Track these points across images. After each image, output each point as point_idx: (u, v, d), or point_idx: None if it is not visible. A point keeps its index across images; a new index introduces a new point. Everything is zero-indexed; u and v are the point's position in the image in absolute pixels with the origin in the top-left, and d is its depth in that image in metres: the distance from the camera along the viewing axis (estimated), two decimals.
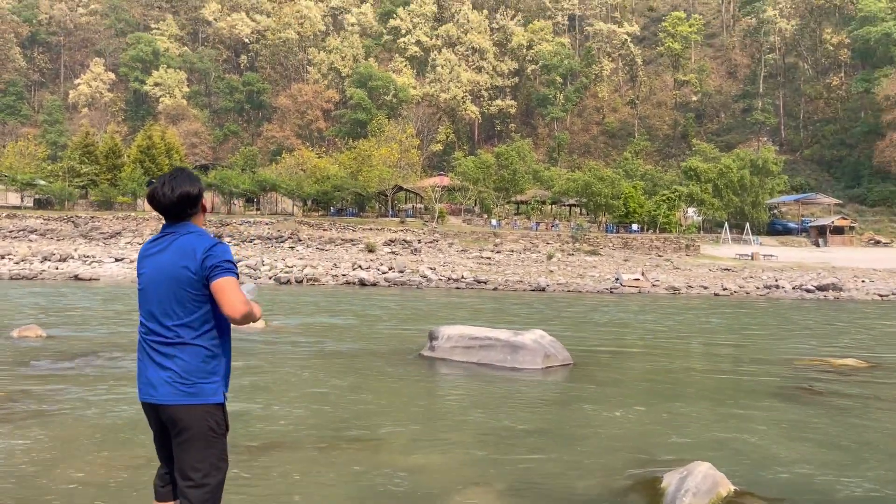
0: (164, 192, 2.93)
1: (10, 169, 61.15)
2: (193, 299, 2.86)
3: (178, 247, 2.90)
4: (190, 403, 2.83)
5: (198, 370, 2.86)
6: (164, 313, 2.92)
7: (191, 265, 2.84)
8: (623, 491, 5.30)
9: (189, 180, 3.00)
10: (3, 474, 5.30)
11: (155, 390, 2.89)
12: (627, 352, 13.70)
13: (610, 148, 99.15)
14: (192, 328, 2.87)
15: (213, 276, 2.81)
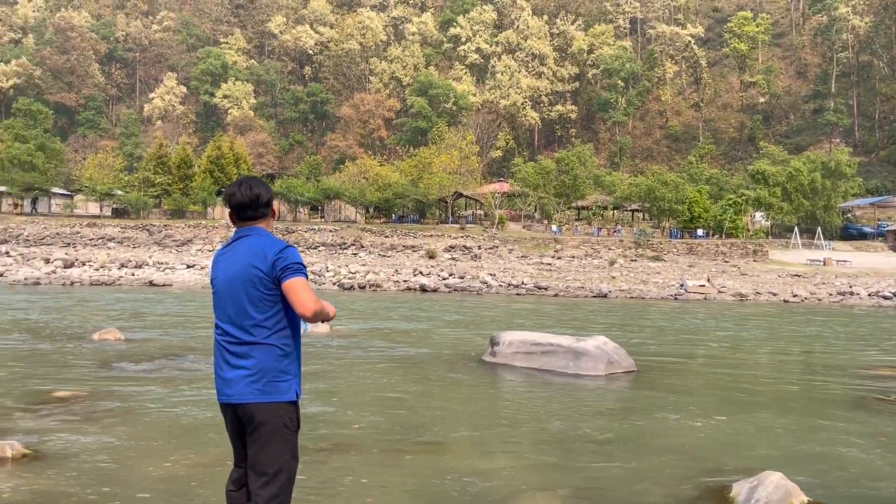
0: (241, 191, 3.13)
1: (91, 180, 64.02)
2: (265, 299, 3.00)
3: (249, 248, 3.06)
4: (265, 402, 2.96)
5: (272, 368, 2.99)
6: (238, 314, 3.05)
7: (262, 266, 2.99)
8: (690, 499, 5.24)
9: (262, 184, 3.23)
10: (87, 470, 5.60)
11: (231, 390, 3.02)
12: (693, 359, 13.46)
13: (673, 152, 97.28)
14: (264, 328, 3.01)
15: (284, 277, 2.97)
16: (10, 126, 70.23)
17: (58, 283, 37.63)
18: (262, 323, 3.01)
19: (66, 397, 8.31)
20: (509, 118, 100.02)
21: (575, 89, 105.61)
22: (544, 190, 59.17)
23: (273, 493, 2.91)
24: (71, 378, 9.66)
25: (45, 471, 5.53)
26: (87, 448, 6.21)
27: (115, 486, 5.25)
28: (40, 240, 51.56)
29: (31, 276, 39.01)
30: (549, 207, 59.38)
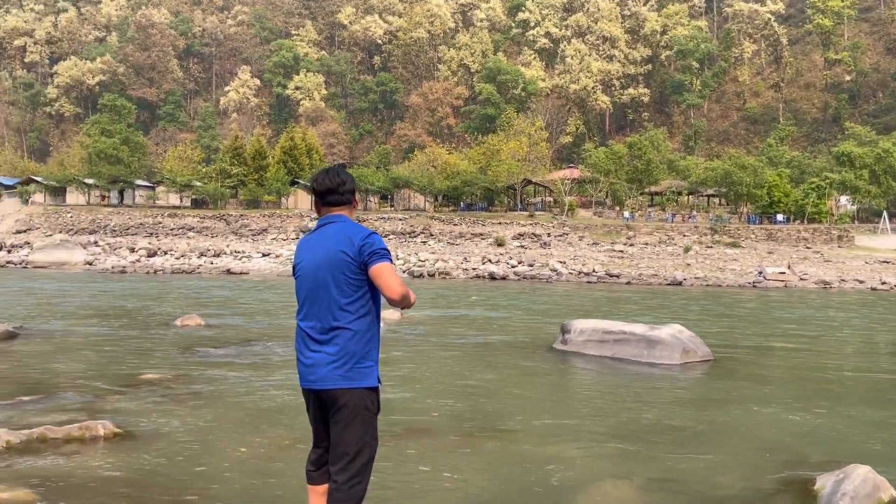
0: (328, 177, 3.21)
1: (171, 172, 66.48)
2: (351, 284, 3.05)
3: (334, 234, 3.13)
4: (348, 387, 3.02)
5: (356, 354, 3.04)
6: (323, 299, 3.10)
7: (348, 251, 3.04)
8: (771, 492, 5.10)
9: (346, 173, 3.34)
10: (174, 450, 5.86)
11: (315, 375, 3.08)
12: (773, 348, 13.02)
13: (751, 134, 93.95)
14: (349, 312, 3.06)
15: (372, 262, 3.02)
16: (96, 121, 73.54)
17: (142, 271, 39.30)
18: (346, 307, 3.05)
19: (153, 380, 8.69)
20: (579, 103, 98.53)
21: (647, 72, 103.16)
22: (616, 176, 58.07)
23: (353, 473, 2.97)
24: (157, 362, 10.09)
25: (135, 450, 5.81)
26: (173, 428, 6.49)
27: (200, 465, 5.47)
28: (125, 230, 53.92)
29: (117, 265, 40.89)
30: (620, 193, 58.30)
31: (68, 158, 78.90)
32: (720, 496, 5.02)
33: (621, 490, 5.10)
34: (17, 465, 5.31)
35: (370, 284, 3.07)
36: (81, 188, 63.95)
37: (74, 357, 10.61)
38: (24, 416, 6.72)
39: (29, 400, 7.49)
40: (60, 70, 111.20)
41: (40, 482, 4.94)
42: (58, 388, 8.18)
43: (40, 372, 9.24)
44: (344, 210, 3.24)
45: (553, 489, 5.09)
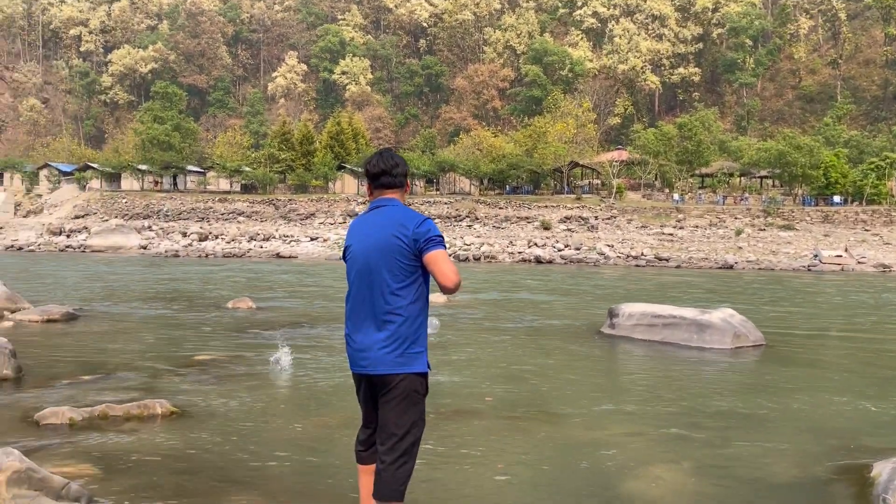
0: (381, 159, 3.22)
1: (221, 157, 67.70)
2: (404, 269, 3.05)
3: (388, 218, 3.13)
4: (399, 372, 3.04)
5: (407, 339, 3.05)
6: (376, 283, 3.10)
7: (403, 236, 3.04)
8: (825, 478, 4.99)
9: (399, 157, 3.36)
10: (228, 429, 6.01)
11: (366, 360, 3.09)
12: (828, 333, 12.70)
13: (807, 113, 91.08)
14: (401, 297, 3.06)
15: (427, 249, 3.02)
16: (149, 108, 75.20)
17: (194, 255, 40.26)
18: (398, 292, 3.05)
19: (207, 361, 8.92)
20: (628, 83, 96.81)
21: (698, 50, 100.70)
22: (665, 157, 56.97)
23: (400, 453, 3.01)
24: (210, 343, 10.35)
25: (191, 428, 5.98)
26: (226, 408, 6.66)
27: (253, 443, 5.61)
28: (178, 215, 55.19)
29: (170, 249, 41.96)
30: (670, 175, 57.24)
31: (123, 145, 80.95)
32: (773, 482, 4.94)
33: (672, 474, 5.06)
34: (80, 441, 5.52)
35: (423, 270, 3.08)
36: (135, 174, 65.61)
37: (132, 338, 10.95)
38: (86, 395, 6.97)
39: (90, 379, 7.77)
40: (114, 58, 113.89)
41: (102, 458, 5.13)
42: (117, 367, 8.46)
43: (100, 352, 9.56)
44: (396, 193, 3.24)
45: (603, 473, 5.07)
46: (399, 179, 3.25)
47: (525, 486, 4.85)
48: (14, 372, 7.79)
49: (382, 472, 3.00)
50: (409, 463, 3.01)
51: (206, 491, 4.56)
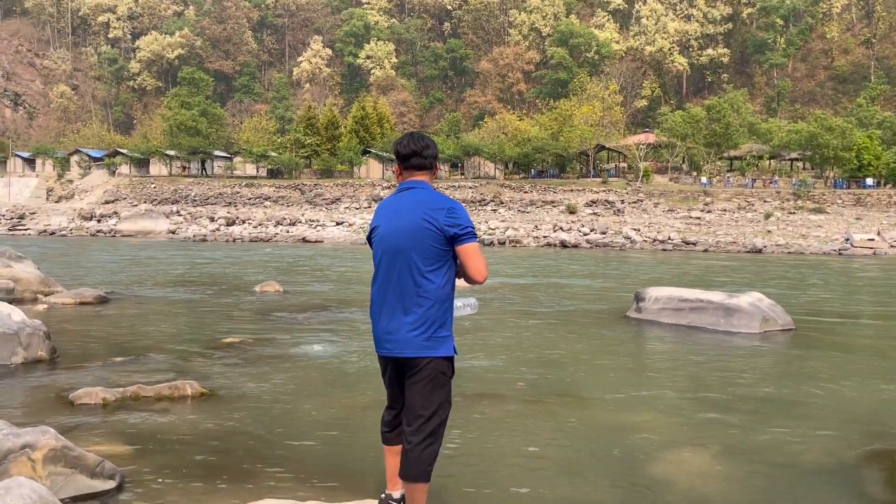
0: (412, 140, 3.21)
1: (247, 143, 68.15)
2: (434, 253, 3.04)
3: (419, 201, 3.12)
4: (426, 356, 3.05)
5: (434, 322, 3.06)
6: (405, 266, 3.09)
7: (434, 221, 3.03)
8: (855, 464, 4.94)
9: (430, 138, 3.34)
10: (256, 410, 6.10)
11: (392, 343, 3.10)
12: (859, 318, 12.51)
13: (840, 94, 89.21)
14: (430, 281, 3.06)
15: (462, 241, 3.03)
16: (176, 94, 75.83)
17: (221, 239, 40.68)
18: (429, 275, 3.05)
19: (235, 343, 9.04)
20: (655, 65, 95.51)
21: (728, 31, 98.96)
22: (693, 140, 56.21)
23: (427, 434, 3.02)
24: (238, 326, 10.48)
25: (220, 409, 6.08)
26: (254, 389, 6.75)
27: (281, 424, 5.69)
28: (205, 200, 55.76)
29: (198, 234, 42.44)
30: (698, 158, 56.51)
31: (151, 131, 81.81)
32: (802, 467, 4.90)
33: (699, 458, 5.04)
34: (113, 421, 5.64)
35: (453, 255, 3.08)
36: (164, 160, 66.32)
37: (162, 321, 11.12)
38: (118, 376, 7.11)
39: (122, 361, 7.92)
40: (142, 45, 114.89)
41: (135, 437, 5.24)
42: (148, 349, 8.61)
43: (131, 334, 9.73)
44: (425, 175, 3.22)
45: (629, 456, 5.07)
46: (429, 161, 3.23)
47: (553, 469, 4.87)
48: (49, 353, 7.96)
49: (409, 452, 3.02)
50: (435, 444, 3.03)
51: (236, 470, 4.64)
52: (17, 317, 8.14)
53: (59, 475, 4.21)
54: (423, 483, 2.95)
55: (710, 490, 4.50)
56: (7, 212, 53.67)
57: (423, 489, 2.94)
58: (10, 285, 12.25)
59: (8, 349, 7.67)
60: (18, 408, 6.02)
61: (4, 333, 7.70)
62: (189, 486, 4.34)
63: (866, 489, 4.53)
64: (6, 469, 4.01)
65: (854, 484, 4.60)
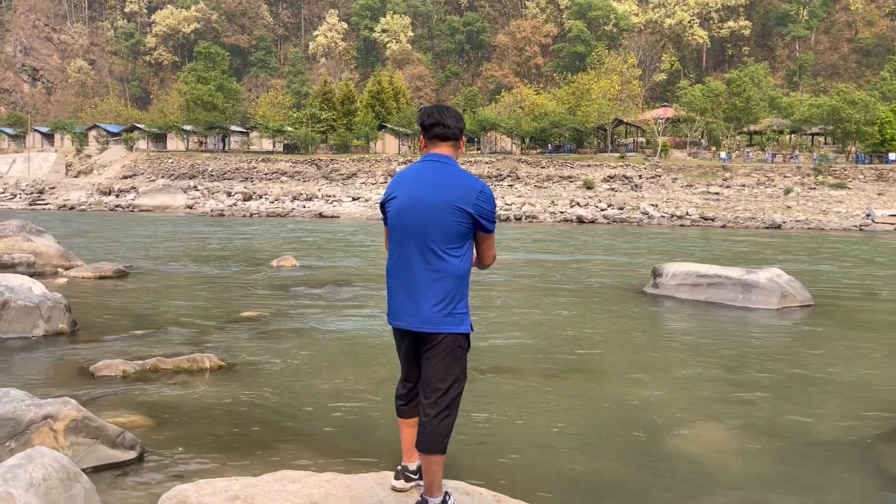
0: (437, 111, 3.12)
1: (264, 118, 68.09)
2: (457, 229, 2.97)
3: (446, 178, 3.04)
4: (443, 332, 3.03)
5: (453, 298, 3.03)
6: (428, 240, 3.03)
7: (462, 199, 2.95)
8: (871, 440, 4.91)
9: (456, 110, 3.27)
10: (272, 382, 6.16)
11: (412, 317, 3.07)
12: (879, 294, 12.38)
13: (863, 67, 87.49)
14: (452, 256, 3.01)
15: (486, 228, 3.02)
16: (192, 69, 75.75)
17: (238, 214, 40.87)
18: (450, 251, 2.99)
19: (253, 317, 9.11)
20: (675, 38, 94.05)
21: (749, 2, 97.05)
22: (712, 114, 55.44)
23: (443, 406, 3.02)
24: (255, 300, 10.56)
25: (238, 381, 6.14)
26: (271, 363, 6.81)
27: (297, 396, 5.75)
28: (222, 175, 55.94)
29: (216, 209, 42.66)
30: (717, 133, 55.77)
31: (167, 106, 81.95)
32: (816, 443, 4.89)
33: (714, 433, 5.04)
34: (133, 393, 5.72)
35: (473, 233, 3.04)
36: (180, 135, 66.49)
37: (180, 295, 11.23)
38: (137, 349, 7.20)
39: (141, 334, 8.01)
40: (158, 19, 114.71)
41: (154, 409, 5.31)
42: (166, 323, 8.71)
43: (150, 308, 9.84)
44: (450, 147, 3.13)
45: (644, 430, 5.07)
46: (452, 131, 3.14)
47: (567, 443, 4.88)
48: (69, 326, 8.07)
49: (426, 424, 3.02)
50: (451, 416, 3.02)
51: (254, 442, 4.70)
52: (38, 290, 8.24)
53: (81, 445, 4.28)
54: (440, 455, 2.96)
55: (725, 465, 4.49)
56: (27, 186, 54.19)
57: (440, 461, 2.94)
58: (31, 259, 12.40)
59: (29, 322, 7.78)
60: (40, 379, 6.12)
61: (26, 306, 7.80)
62: (207, 457, 4.41)
63: (883, 465, 4.51)
64: (28, 439, 4.08)
65: (870, 460, 4.58)
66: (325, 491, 2.80)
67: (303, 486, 2.83)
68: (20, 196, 51.84)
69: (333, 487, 2.82)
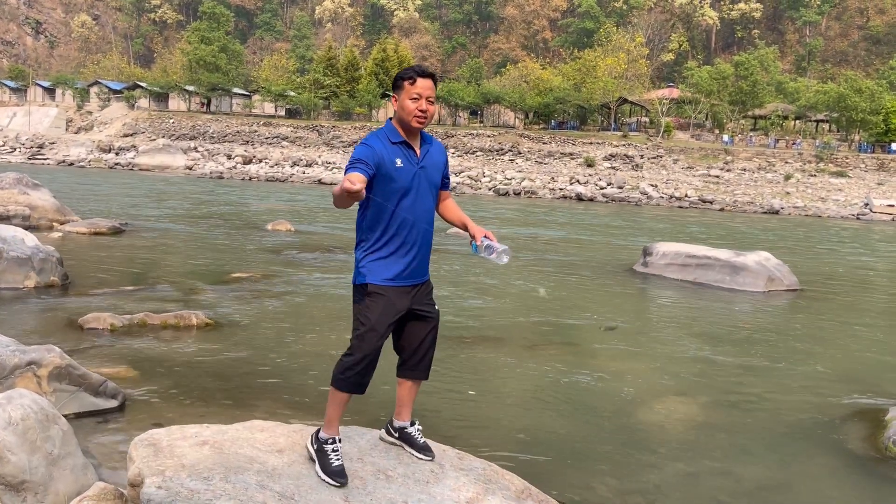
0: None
1: (267, 81, 67.60)
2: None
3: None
4: (353, 282, 3.07)
5: (356, 251, 3.08)
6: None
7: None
8: (838, 419, 5.03)
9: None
10: (256, 342, 6.26)
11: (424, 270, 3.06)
12: (867, 282, 12.48)
13: (872, 56, 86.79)
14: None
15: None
16: (196, 28, 75.03)
17: (238, 177, 40.81)
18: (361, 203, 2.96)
19: (243, 278, 9.20)
20: (684, 18, 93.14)
21: None
22: (718, 97, 55.09)
23: (348, 346, 3.01)
24: (248, 262, 10.64)
25: (224, 338, 6.24)
26: (258, 321, 6.91)
27: (281, 355, 5.85)
28: (223, 137, 55.69)
29: (215, 171, 42.58)
30: (721, 116, 55.51)
31: (171, 65, 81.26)
32: (785, 419, 5.00)
33: (686, 407, 5.15)
34: (120, 346, 5.82)
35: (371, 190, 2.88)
36: (182, 95, 66.05)
37: (173, 254, 11.30)
38: (127, 304, 7.29)
39: (131, 289, 8.10)
40: None
41: (139, 361, 5.42)
42: (157, 280, 8.79)
43: (142, 265, 9.92)
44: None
45: (617, 402, 5.19)
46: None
47: (546, 412, 5.00)
48: (60, 279, 8.16)
49: None
50: (349, 356, 2.98)
51: (235, 396, 4.81)
52: (31, 242, 8.31)
53: (64, 392, 4.39)
54: (333, 388, 2.93)
55: (695, 438, 4.61)
56: (27, 140, 53.97)
57: (333, 395, 2.90)
58: (26, 212, 12.45)
59: (21, 273, 7.86)
60: (29, 329, 6.22)
61: (18, 258, 7.88)
62: (187, 408, 4.51)
63: (846, 444, 4.63)
64: (12, 384, 4.18)
65: (836, 439, 4.70)
66: (292, 440, 2.89)
67: (270, 434, 2.92)
68: (20, 150, 51.67)
69: (300, 437, 2.92)
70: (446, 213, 3.12)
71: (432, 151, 2.94)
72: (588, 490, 3.77)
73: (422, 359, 3.00)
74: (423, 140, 2.92)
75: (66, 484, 3.09)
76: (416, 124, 2.80)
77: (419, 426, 3.07)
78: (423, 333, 2.99)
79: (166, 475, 2.50)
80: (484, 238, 2.91)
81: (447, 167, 3.07)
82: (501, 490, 2.86)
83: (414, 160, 2.84)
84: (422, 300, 2.99)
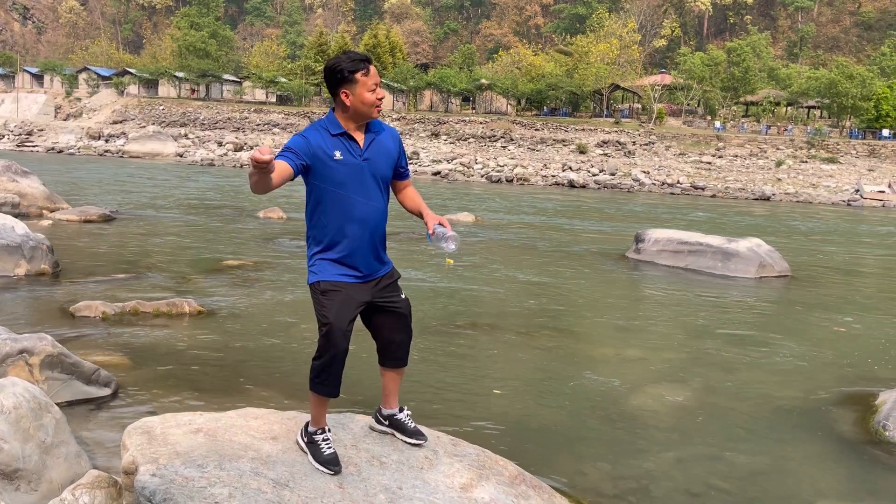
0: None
1: (257, 67, 67.13)
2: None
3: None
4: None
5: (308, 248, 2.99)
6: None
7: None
8: (829, 404, 5.07)
9: (330, 61, 2.86)
10: (248, 329, 6.25)
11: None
12: (857, 268, 12.55)
13: (864, 42, 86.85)
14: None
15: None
16: (186, 14, 74.37)
17: (229, 164, 40.58)
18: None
19: (235, 266, 9.17)
20: (677, 3, 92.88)
21: None
22: (710, 83, 55.05)
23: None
24: (239, 249, 10.61)
25: (216, 326, 6.23)
26: (250, 309, 6.90)
27: (272, 342, 5.85)
28: (213, 124, 55.35)
29: (206, 158, 42.33)
30: (713, 102, 55.52)
31: (160, 51, 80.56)
32: (775, 405, 5.04)
33: (676, 393, 5.18)
34: (112, 334, 5.80)
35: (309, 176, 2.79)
36: (172, 81, 65.53)
37: (165, 241, 11.25)
38: (118, 292, 7.27)
39: (123, 277, 8.06)
40: None
41: (131, 349, 5.40)
42: (149, 268, 8.76)
43: (133, 253, 9.87)
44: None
45: (607, 387, 5.21)
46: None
47: (537, 399, 5.02)
48: (51, 267, 8.11)
49: None
50: (317, 360, 2.97)
51: (226, 383, 4.80)
52: (21, 230, 8.26)
53: (56, 380, 4.37)
54: (311, 391, 2.92)
55: (687, 423, 4.64)
56: (15, 127, 53.50)
57: (312, 398, 2.91)
58: (16, 200, 12.36)
59: (11, 261, 7.82)
60: (20, 318, 6.19)
61: (8, 245, 7.83)
62: (180, 396, 4.51)
63: (836, 428, 4.67)
64: (4, 372, 4.16)
65: (826, 423, 4.74)
66: (286, 428, 2.90)
67: (264, 422, 2.93)
68: (8, 137, 51.20)
69: (294, 425, 2.92)
70: (405, 201, 2.99)
71: (381, 139, 2.79)
72: (581, 475, 3.80)
73: (397, 348, 2.98)
74: (370, 128, 2.78)
75: (60, 472, 3.08)
76: (377, 114, 2.72)
77: (409, 411, 3.07)
78: (394, 324, 2.94)
79: (160, 462, 2.50)
80: (437, 226, 2.76)
81: (404, 156, 2.92)
82: (495, 476, 2.87)
83: (357, 152, 2.71)
84: (384, 292, 2.91)
